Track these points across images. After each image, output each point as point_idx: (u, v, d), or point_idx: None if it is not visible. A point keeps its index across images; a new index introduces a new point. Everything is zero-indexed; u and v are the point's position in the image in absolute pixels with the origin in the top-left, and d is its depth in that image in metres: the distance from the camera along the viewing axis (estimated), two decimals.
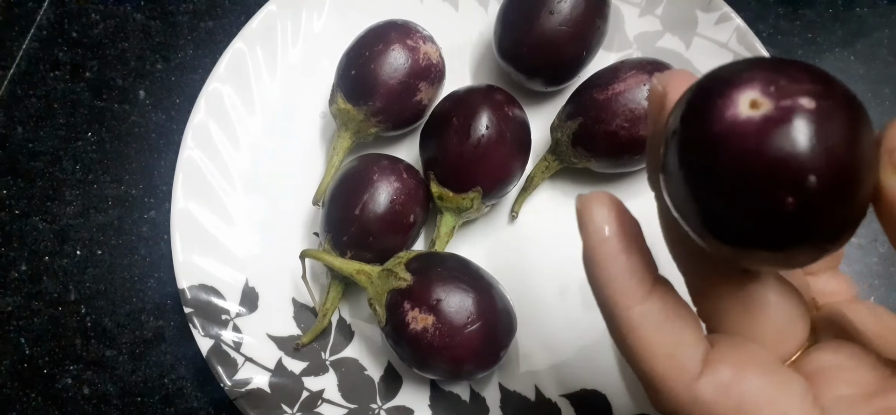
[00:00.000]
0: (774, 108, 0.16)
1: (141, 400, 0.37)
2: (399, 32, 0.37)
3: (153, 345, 0.38)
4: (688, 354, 0.18)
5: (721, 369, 0.18)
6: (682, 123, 0.17)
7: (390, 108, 0.37)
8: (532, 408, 0.34)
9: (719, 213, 0.17)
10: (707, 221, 0.18)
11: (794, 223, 0.16)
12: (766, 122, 0.16)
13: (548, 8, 0.36)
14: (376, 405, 0.34)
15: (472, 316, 0.31)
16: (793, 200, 0.16)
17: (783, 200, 0.16)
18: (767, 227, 0.17)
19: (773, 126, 0.16)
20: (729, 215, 0.17)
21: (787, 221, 0.16)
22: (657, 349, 0.18)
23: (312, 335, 0.35)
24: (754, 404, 0.18)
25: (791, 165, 0.16)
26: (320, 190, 0.37)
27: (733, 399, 0.18)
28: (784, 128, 0.16)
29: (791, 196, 0.16)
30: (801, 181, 0.16)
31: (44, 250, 0.40)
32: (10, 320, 0.39)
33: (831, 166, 0.16)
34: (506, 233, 0.38)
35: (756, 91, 0.16)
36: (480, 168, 0.34)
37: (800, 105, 0.16)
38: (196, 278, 0.35)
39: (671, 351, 0.18)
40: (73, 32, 0.46)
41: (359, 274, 0.33)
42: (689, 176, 0.17)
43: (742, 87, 0.16)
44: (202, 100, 0.39)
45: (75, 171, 0.42)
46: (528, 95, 0.39)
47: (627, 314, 0.19)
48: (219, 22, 0.45)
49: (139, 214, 0.41)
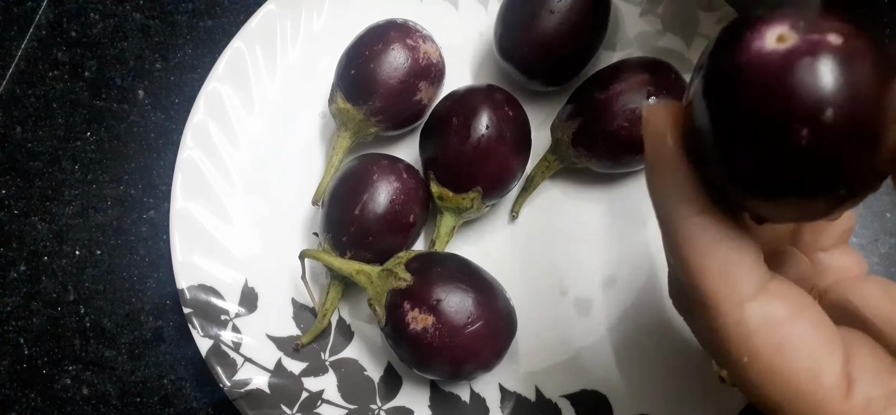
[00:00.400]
0: (800, 41, 0.16)
1: (140, 400, 0.37)
2: (399, 32, 0.37)
3: (152, 345, 0.38)
4: (743, 275, 0.18)
5: (776, 304, 0.18)
6: (709, 57, 0.17)
7: (390, 107, 0.36)
8: (532, 408, 0.34)
9: (737, 148, 0.17)
10: (725, 157, 0.17)
11: (808, 160, 0.16)
12: (790, 54, 0.16)
13: (548, 7, 0.36)
14: (376, 406, 0.34)
15: (472, 316, 0.31)
16: (808, 134, 0.16)
17: (798, 132, 0.16)
18: (782, 162, 0.16)
19: (796, 58, 0.16)
20: (746, 150, 0.17)
21: (802, 157, 0.16)
22: (712, 263, 0.18)
23: (312, 336, 0.35)
24: (795, 349, 0.17)
25: (809, 97, 0.15)
26: (320, 190, 0.37)
27: (777, 336, 0.17)
28: (806, 60, 0.16)
29: (806, 128, 0.15)
30: (817, 115, 0.15)
31: (43, 250, 0.40)
32: (9, 320, 0.39)
33: (851, 104, 0.15)
34: (506, 233, 0.38)
35: (785, 26, 0.16)
36: (480, 168, 0.34)
37: (826, 41, 0.16)
38: (195, 279, 0.35)
39: (726, 269, 0.18)
40: (72, 32, 0.45)
41: (358, 274, 0.33)
42: (711, 107, 0.17)
43: (772, 23, 0.16)
44: (201, 99, 0.38)
45: (74, 170, 0.42)
46: (528, 95, 0.39)
47: (685, 223, 0.18)
48: (218, 21, 0.45)
49: (138, 214, 0.41)
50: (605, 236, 0.37)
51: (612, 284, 0.36)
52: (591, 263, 0.37)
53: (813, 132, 0.15)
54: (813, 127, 0.15)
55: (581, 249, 0.37)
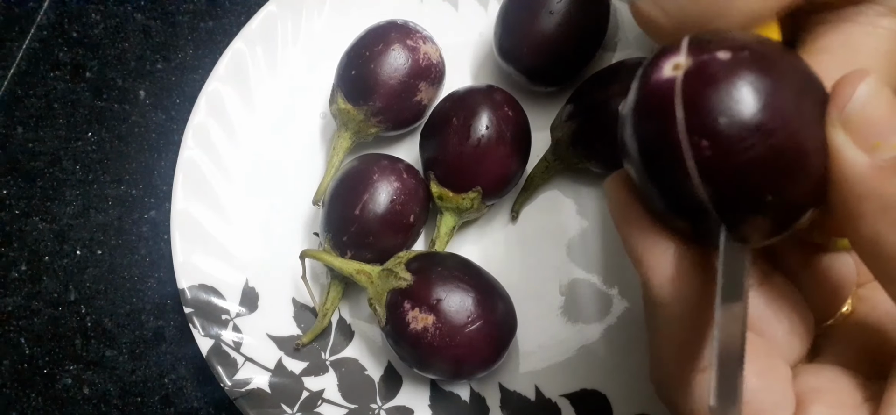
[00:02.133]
0: (693, 63, 0.16)
1: (141, 400, 0.37)
2: (399, 32, 0.37)
3: (153, 345, 0.38)
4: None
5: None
6: (629, 94, 0.18)
7: (390, 108, 0.37)
8: (532, 408, 0.34)
9: (652, 176, 0.17)
10: (647, 185, 0.18)
11: (713, 174, 0.16)
12: (684, 75, 0.16)
13: (548, 8, 0.36)
14: (376, 405, 0.34)
15: (473, 316, 0.31)
16: (707, 144, 0.16)
17: (699, 146, 0.16)
18: (692, 182, 0.16)
19: (689, 78, 0.16)
20: (661, 178, 0.17)
21: (704, 170, 0.16)
22: (686, 328, 0.19)
23: (312, 335, 0.35)
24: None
25: (702, 111, 0.16)
26: (320, 190, 0.37)
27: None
28: (696, 77, 0.16)
29: (706, 140, 0.16)
30: (713, 126, 0.16)
31: (44, 250, 0.40)
32: (10, 320, 0.39)
33: (744, 113, 0.15)
34: (506, 233, 0.38)
35: (681, 55, 0.17)
36: (480, 168, 0.34)
37: (715, 58, 0.16)
38: (196, 278, 0.35)
39: (701, 334, 0.19)
40: (73, 32, 0.46)
41: (359, 274, 0.33)
42: (628, 147, 0.18)
43: (671, 54, 0.17)
44: (202, 100, 0.39)
45: (75, 171, 0.42)
46: (528, 95, 0.39)
47: (666, 287, 0.19)
48: (219, 22, 0.45)
49: (139, 214, 0.41)
50: (604, 236, 0.37)
51: (612, 284, 0.36)
52: (591, 263, 0.37)
53: (712, 143, 0.16)
54: (711, 139, 0.16)
55: (581, 249, 0.37)
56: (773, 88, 0.16)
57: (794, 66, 0.17)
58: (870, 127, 0.16)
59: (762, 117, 0.16)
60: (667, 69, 0.17)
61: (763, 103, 0.16)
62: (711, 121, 0.16)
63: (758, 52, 0.16)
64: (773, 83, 0.16)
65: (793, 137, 0.16)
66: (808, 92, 0.17)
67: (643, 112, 0.17)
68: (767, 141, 0.16)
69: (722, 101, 0.16)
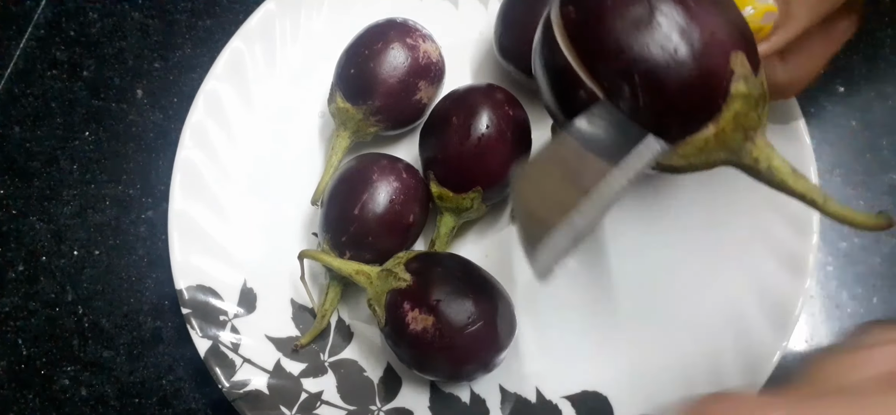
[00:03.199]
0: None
1: (138, 401, 0.37)
2: (398, 31, 0.37)
3: (151, 346, 0.38)
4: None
5: None
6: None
7: (390, 107, 0.36)
8: (533, 409, 0.34)
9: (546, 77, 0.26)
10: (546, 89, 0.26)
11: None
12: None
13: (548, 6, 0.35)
14: (376, 407, 0.34)
15: (473, 316, 0.31)
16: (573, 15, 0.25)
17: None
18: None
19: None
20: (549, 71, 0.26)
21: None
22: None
23: (311, 336, 0.35)
24: None
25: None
26: (319, 190, 0.37)
27: None
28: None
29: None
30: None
31: (41, 250, 0.40)
32: (8, 320, 0.39)
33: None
34: (506, 233, 0.38)
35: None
36: (480, 168, 0.34)
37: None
38: (194, 279, 0.35)
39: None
40: (70, 31, 0.45)
41: (358, 274, 0.33)
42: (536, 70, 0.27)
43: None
44: (200, 99, 0.38)
45: (73, 170, 0.42)
46: (528, 95, 0.39)
47: None
48: (217, 20, 0.45)
49: (137, 214, 0.41)
50: (604, 237, 0.37)
51: (611, 284, 0.36)
52: (592, 263, 0.36)
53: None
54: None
55: (581, 250, 0.37)
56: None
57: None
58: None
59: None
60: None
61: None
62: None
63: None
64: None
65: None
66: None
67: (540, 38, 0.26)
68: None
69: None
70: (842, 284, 0.36)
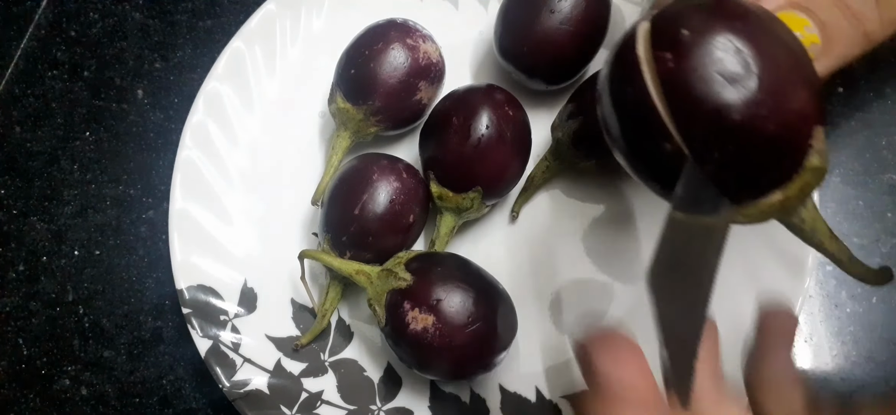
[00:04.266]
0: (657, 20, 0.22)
1: (139, 401, 0.37)
2: (399, 31, 0.37)
3: (151, 346, 0.38)
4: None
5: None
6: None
7: (390, 107, 0.36)
8: (532, 409, 0.34)
9: (628, 133, 0.23)
10: (624, 143, 0.23)
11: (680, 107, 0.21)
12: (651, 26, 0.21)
13: (548, 7, 0.36)
14: (376, 406, 0.34)
15: (473, 316, 0.31)
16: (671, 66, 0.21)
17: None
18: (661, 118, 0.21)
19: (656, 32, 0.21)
20: (636, 130, 0.22)
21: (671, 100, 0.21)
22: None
23: (311, 336, 0.35)
24: None
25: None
26: (319, 190, 0.37)
27: None
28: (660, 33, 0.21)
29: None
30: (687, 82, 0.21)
31: (42, 250, 0.40)
32: (8, 320, 0.39)
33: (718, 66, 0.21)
34: (506, 233, 0.38)
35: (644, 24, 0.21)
36: (480, 168, 0.34)
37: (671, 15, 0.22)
38: (194, 279, 0.35)
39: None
40: (71, 31, 0.45)
41: (358, 274, 0.33)
42: (606, 115, 0.23)
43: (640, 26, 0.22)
44: (201, 99, 0.38)
45: (73, 170, 0.42)
46: (528, 95, 0.39)
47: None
48: (217, 21, 0.45)
49: (137, 214, 0.41)
50: (605, 237, 0.37)
51: (611, 284, 0.36)
52: (592, 263, 0.37)
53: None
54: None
55: (581, 250, 0.37)
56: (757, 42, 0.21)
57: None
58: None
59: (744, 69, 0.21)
60: (640, 46, 0.22)
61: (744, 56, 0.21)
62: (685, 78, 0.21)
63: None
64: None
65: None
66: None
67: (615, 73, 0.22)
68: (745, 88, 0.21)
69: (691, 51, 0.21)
70: (841, 283, 0.36)
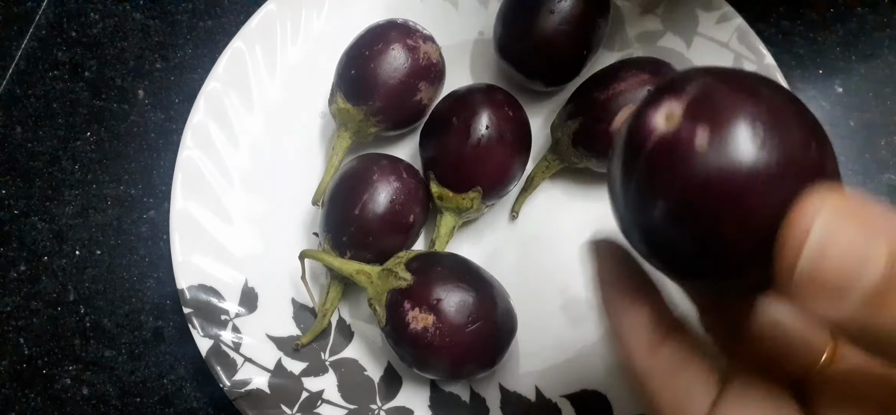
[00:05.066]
0: (684, 120, 0.16)
1: (140, 400, 0.37)
2: (399, 32, 0.37)
3: (152, 345, 0.38)
4: (693, 406, 0.19)
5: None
6: (625, 133, 0.18)
7: (390, 107, 0.36)
8: (532, 408, 0.34)
9: (641, 226, 0.18)
10: (639, 237, 0.18)
11: (695, 237, 0.16)
12: (673, 134, 0.16)
13: (548, 7, 0.36)
14: (376, 406, 0.34)
15: (473, 316, 0.31)
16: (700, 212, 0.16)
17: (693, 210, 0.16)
18: (676, 239, 0.16)
19: (677, 139, 0.16)
20: (648, 228, 0.17)
21: (688, 233, 0.16)
22: (664, 401, 0.19)
23: (312, 336, 0.35)
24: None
25: (695, 175, 0.16)
26: (320, 190, 0.37)
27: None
28: (686, 141, 0.16)
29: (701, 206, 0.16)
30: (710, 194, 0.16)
31: (43, 250, 0.40)
32: (9, 320, 0.39)
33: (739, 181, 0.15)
34: (506, 233, 0.38)
35: (673, 103, 0.16)
36: (480, 168, 0.34)
37: (704, 121, 0.16)
38: (195, 279, 0.35)
39: (678, 403, 0.19)
40: (72, 32, 0.45)
41: (358, 274, 0.33)
42: (621, 179, 0.18)
43: (661, 101, 0.17)
44: (201, 99, 0.38)
45: (74, 170, 0.42)
46: (528, 95, 0.39)
47: (637, 366, 0.19)
48: (218, 21, 0.45)
49: (138, 214, 0.41)
50: None
51: None
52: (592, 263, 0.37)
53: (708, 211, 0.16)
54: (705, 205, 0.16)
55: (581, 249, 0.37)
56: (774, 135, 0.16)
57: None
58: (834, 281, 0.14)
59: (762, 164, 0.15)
60: (659, 119, 0.17)
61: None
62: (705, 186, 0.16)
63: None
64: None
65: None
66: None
67: (636, 158, 0.17)
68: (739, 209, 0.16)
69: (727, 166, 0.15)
70: None
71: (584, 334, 0.35)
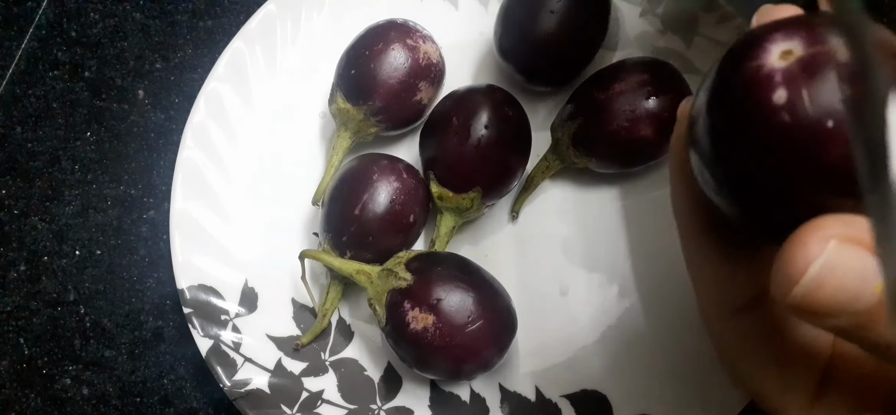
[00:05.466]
0: (805, 56, 0.16)
1: (140, 400, 0.37)
2: (399, 32, 0.37)
3: (152, 345, 0.38)
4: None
5: None
6: (717, 72, 0.17)
7: (390, 107, 0.36)
8: (532, 408, 0.34)
9: (741, 168, 0.17)
10: (727, 177, 0.17)
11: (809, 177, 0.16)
12: (793, 71, 0.16)
13: (548, 7, 0.36)
14: (376, 406, 0.34)
15: (473, 316, 0.31)
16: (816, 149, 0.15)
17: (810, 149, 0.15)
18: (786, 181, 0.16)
19: (801, 75, 0.16)
20: (750, 169, 0.16)
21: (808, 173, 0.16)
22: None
23: (312, 336, 0.35)
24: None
25: (816, 114, 0.15)
26: (320, 190, 0.37)
27: None
28: (811, 76, 0.16)
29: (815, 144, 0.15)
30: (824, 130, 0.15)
31: (43, 250, 0.40)
32: (9, 320, 0.39)
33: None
34: (506, 233, 0.38)
35: (790, 41, 0.16)
36: (480, 168, 0.34)
37: (829, 54, 0.16)
38: (195, 279, 0.35)
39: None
40: (72, 32, 0.45)
41: (358, 274, 0.33)
42: (715, 125, 0.17)
43: (776, 38, 0.16)
44: (201, 99, 0.38)
45: (74, 170, 0.42)
46: (528, 95, 0.39)
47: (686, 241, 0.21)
48: (218, 21, 0.45)
49: (138, 214, 0.41)
50: (604, 236, 0.37)
51: (612, 284, 0.36)
52: (592, 263, 0.37)
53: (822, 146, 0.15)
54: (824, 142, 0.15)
55: (581, 250, 0.37)
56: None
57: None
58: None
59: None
60: (773, 55, 0.16)
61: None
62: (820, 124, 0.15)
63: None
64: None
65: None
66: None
67: (744, 100, 0.16)
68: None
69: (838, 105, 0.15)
70: None
71: (584, 334, 0.35)
